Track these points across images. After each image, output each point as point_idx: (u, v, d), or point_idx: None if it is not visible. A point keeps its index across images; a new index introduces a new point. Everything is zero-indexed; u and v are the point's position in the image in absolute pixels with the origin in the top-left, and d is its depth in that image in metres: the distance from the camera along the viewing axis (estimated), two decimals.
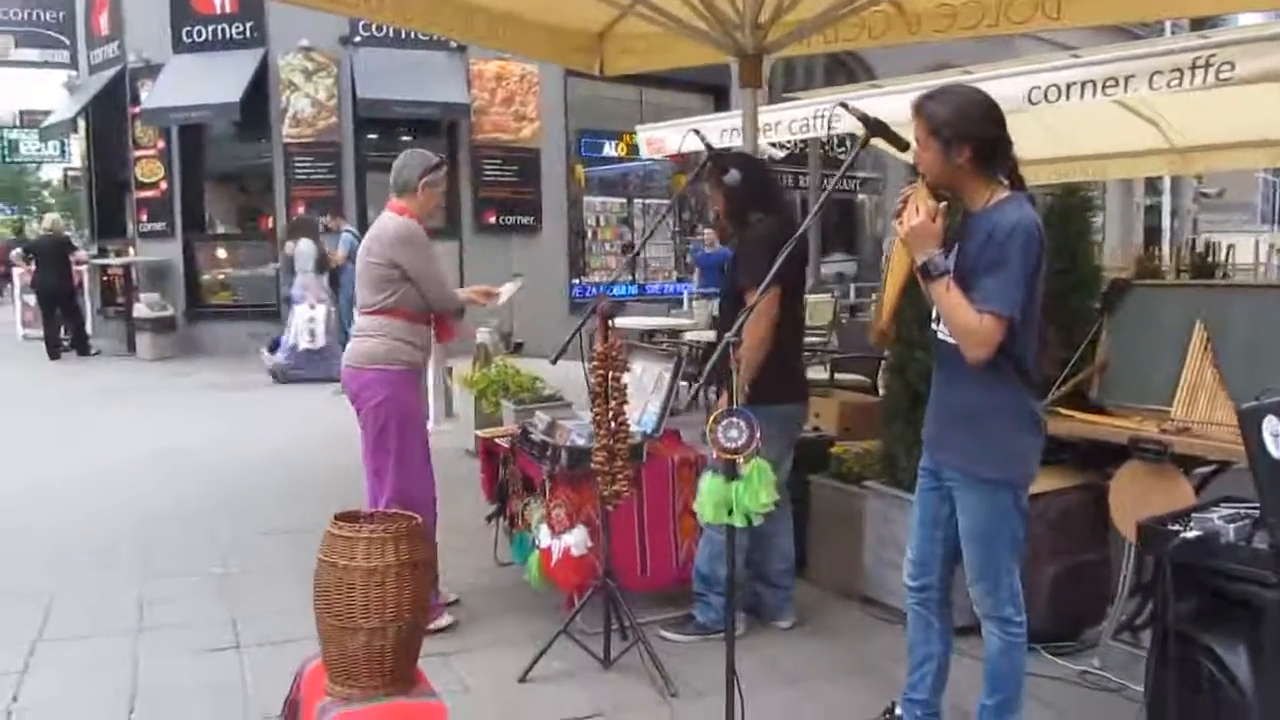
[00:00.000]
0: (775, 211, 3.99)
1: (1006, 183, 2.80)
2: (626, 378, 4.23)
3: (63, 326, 13.92)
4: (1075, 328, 4.28)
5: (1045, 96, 5.54)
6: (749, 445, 2.50)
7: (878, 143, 2.87)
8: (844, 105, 2.78)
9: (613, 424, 3.49)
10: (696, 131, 4.26)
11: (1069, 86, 5.42)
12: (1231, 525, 2.71)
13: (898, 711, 3.20)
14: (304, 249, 11.07)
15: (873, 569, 4.31)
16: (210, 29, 13.70)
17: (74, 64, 16.74)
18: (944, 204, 2.73)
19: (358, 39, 13.43)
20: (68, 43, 16.71)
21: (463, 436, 7.07)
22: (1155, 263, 4.76)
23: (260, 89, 13.33)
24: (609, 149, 15.90)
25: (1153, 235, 21.69)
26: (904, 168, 11.12)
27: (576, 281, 15.25)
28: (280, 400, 9.77)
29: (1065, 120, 7.44)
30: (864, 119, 2.70)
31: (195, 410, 9.56)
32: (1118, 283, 4.26)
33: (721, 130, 7.04)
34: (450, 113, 13.68)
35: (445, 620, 4.05)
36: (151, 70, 13.93)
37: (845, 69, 17.80)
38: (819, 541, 4.65)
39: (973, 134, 2.71)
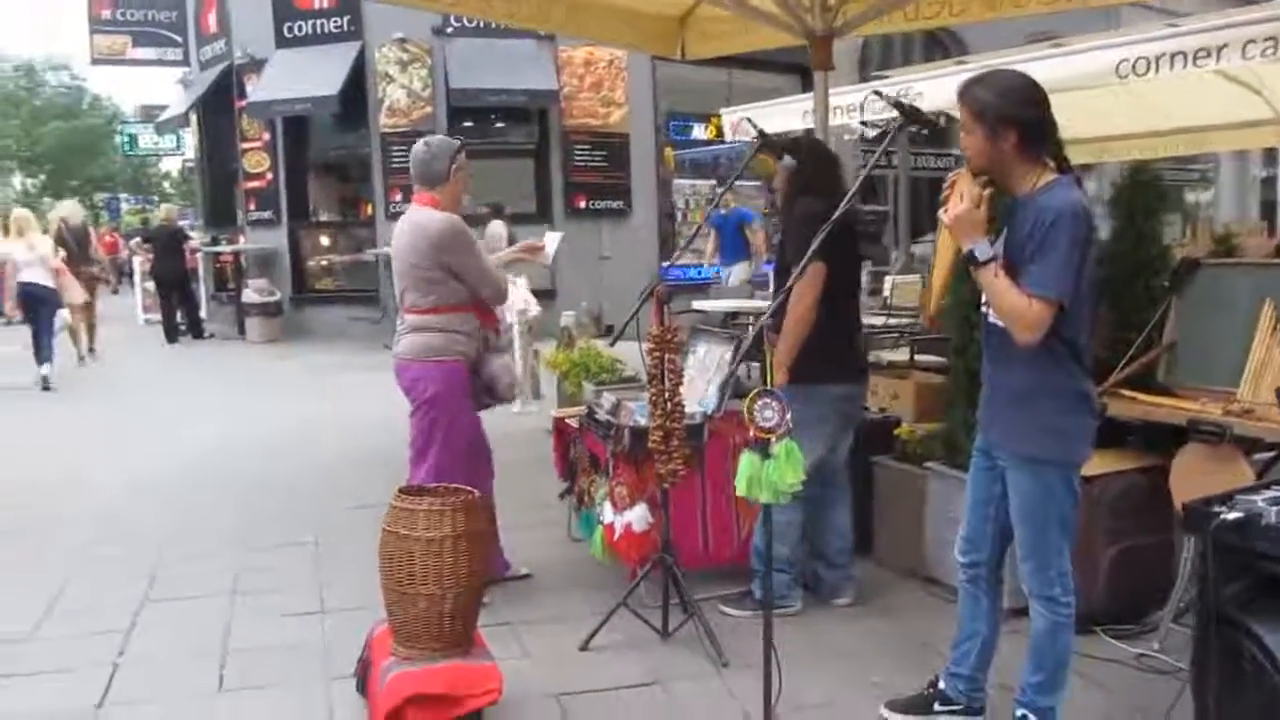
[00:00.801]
0: (829, 194, 4.02)
1: (1053, 165, 2.82)
2: (689, 359, 4.37)
3: (178, 311, 14.66)
4: (1143, 308, 4.24)
5: (1134, 69, 5.42)
6: (780, 425, 2.60)
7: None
8: (877, 93, 2.83)
9: (668, 404, 3.61)
10: (749, 119, 4.33)
11: (1158, 58, 5.29)
12: (1275, 507, 2.70)
13: (941, 685, 3.24)
14: (496, 230, 11.19)
15: (933, 549, 4.34)
16: (310, 24, 14.20)
17: (186, 61, 17.52)
18: (989, 190, 2.74)
19: (450, 30, 13.75)
20: (180, 41, 17.49)
21: (547, 417, 7.27)
22: (1233, 240, 4.63)
23: (358, 81, 13.77)
24: (698, 131, 15.94)
25: (1269, 209, 20.73)
26: None
27: (666, 264, 15.34)
28: (382, 380, 10.06)
29: (1159, 92, 7.22)
30: (897, 105, 2.76)
31: (299, 390, 10.03)
32: (1186, 261, 4.20)
33: (804, 111, 7.03)
34: (539, 100, 13.94)
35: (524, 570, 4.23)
36: (256, 65, 14.52)
37: (941, 46, 17.48)
38: (882, 522, 4.70)
39: (1018, 116, 2.73)
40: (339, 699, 3.34)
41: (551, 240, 4.41)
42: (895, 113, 2.89)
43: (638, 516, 3.90)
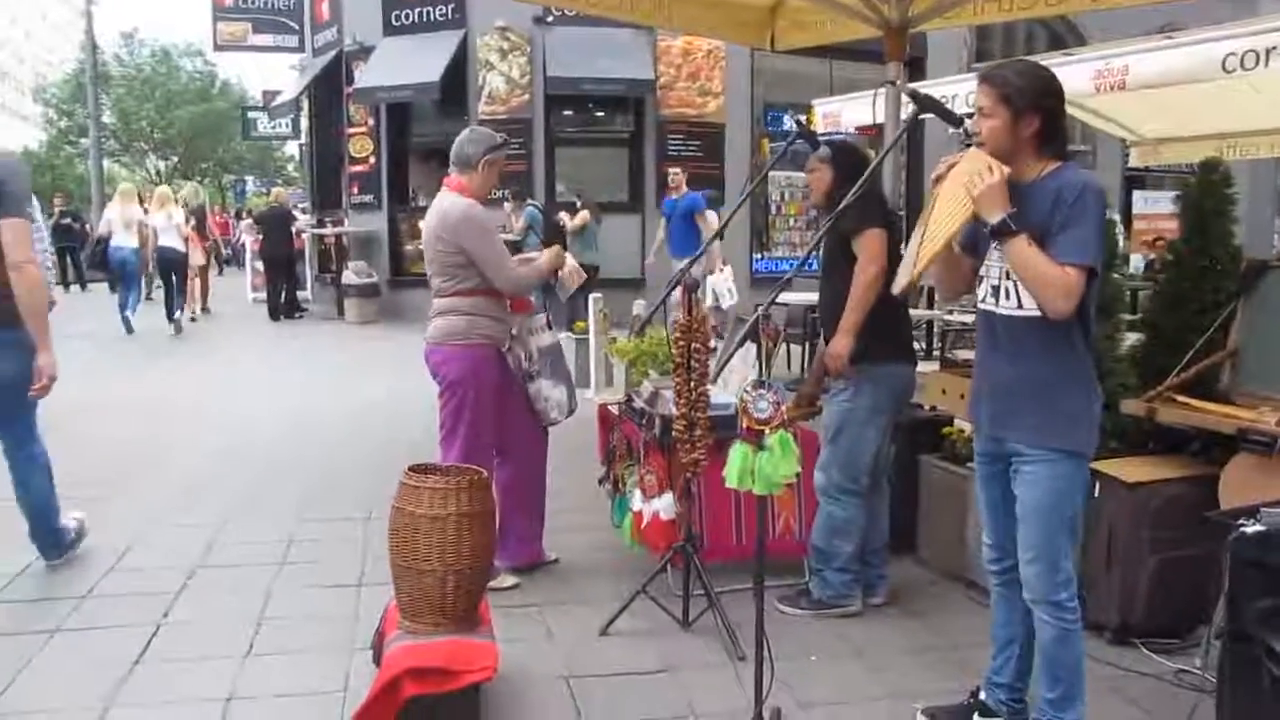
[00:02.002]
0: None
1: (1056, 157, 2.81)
2: (738, 353, 4.35)
3: (283, 291, 15.22)
4: (1208, 311, 4.05)
5: (1242, 64, 5.17)
6: (774, 417, 2.57)
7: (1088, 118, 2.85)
8: (891, 83, 2.78)
9: (693, 394, 3.60)
10: (798, 121, 4.29)
11: (1269, 51, 5.05)
12: None
13: (982, 695, 3.18)
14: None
15: (976, 552, 4.21)
16: (417, 12, 14.50)
17: (301, 47, 18.14)
18: (1008, 170, 2.70)
19: (550, 19, 13.88)
20: (296, 28, 18.13)
21: None
22: None
23: (460, 68, 14.01)
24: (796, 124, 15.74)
25: None
26: (1117, 145, 10.54)
27: (759, 256, 15.27)
28: None
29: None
30: (914, 95, 2.71)
31: (386, 369, 10.28)
32: (1254, 264, 3.99)
33: (905, 101, 6.90)
34: (636, 89, 13.97)
35: (509, 582, 4.20)
36: (365, 52, 14.91)
37: (1054, 35, 16.95)
38: (928, 523, 4.61)
39: (1043, 105, 2.74)
40: (356, 668, 3.44)
41: (569, 274, 4.43)
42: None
43: (665, 505, 3.91)
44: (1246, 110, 6.97)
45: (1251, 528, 2.60)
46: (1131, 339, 4.41)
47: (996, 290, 2.84)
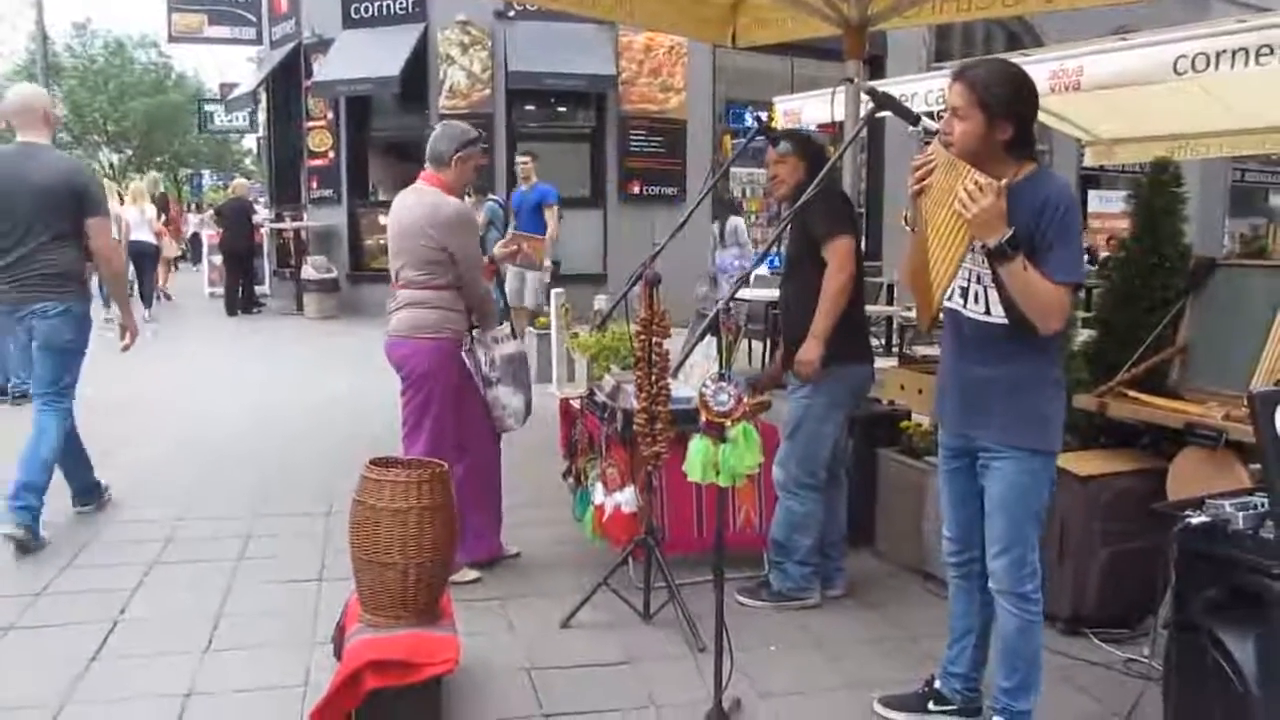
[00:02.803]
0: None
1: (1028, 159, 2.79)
2: (698, 347, 4.37)
3: (240, 285, 15.06)
4: (1158, 308, 4.14)
5: (1193, 65, 5.28)
6: (735, 410, 2.60)
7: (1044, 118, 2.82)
8: (850, 80, 2.81)
9: (654, 388, 3.62)
10: (759, 118, 4.34)
11: (1219, 54, 5.16)
12: (1241, 513, 2.63)
13: (937, 684, 3.23)
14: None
15: (933, 545, 4.28)
16: (376, 5, 14.41)
17: (259, 40, 17.92)
18: (1004, 181, 2.61)
19: (511, 13, 13.86)
20: (254, 20, 17.90)
21: None
22: (1262, 242, 4.50)
23: (420, 62, 13.92)
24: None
25: None
26: (1073, 144, 10.65)
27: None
28: None
29: (1236, 91, 6.94)
30: (871, 93, 2.74)
31: (343, 365, 10.21)
32: (1203, 262, 4.08)
33: (862, 99, 6.96)
34: (598, 84, 13.98)
35: (470, 575, 4.21)
36: (324, 45, 14.78)
37: (1012, 35, 17.19)
38: (885, 516, 4.66)
39: (1019, 111, 2.70)
40: (317, 662, 3.43)
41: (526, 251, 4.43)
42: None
43: (627, 498, 3.94)
44: (1197, 112, 7.12)
45: (1196, 519, 2.67)
46: (1084, 335, 4.50)
47: (965, 292, 2.82)
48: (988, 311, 2.78)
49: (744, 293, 9.63)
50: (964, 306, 2.85)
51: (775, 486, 4.08)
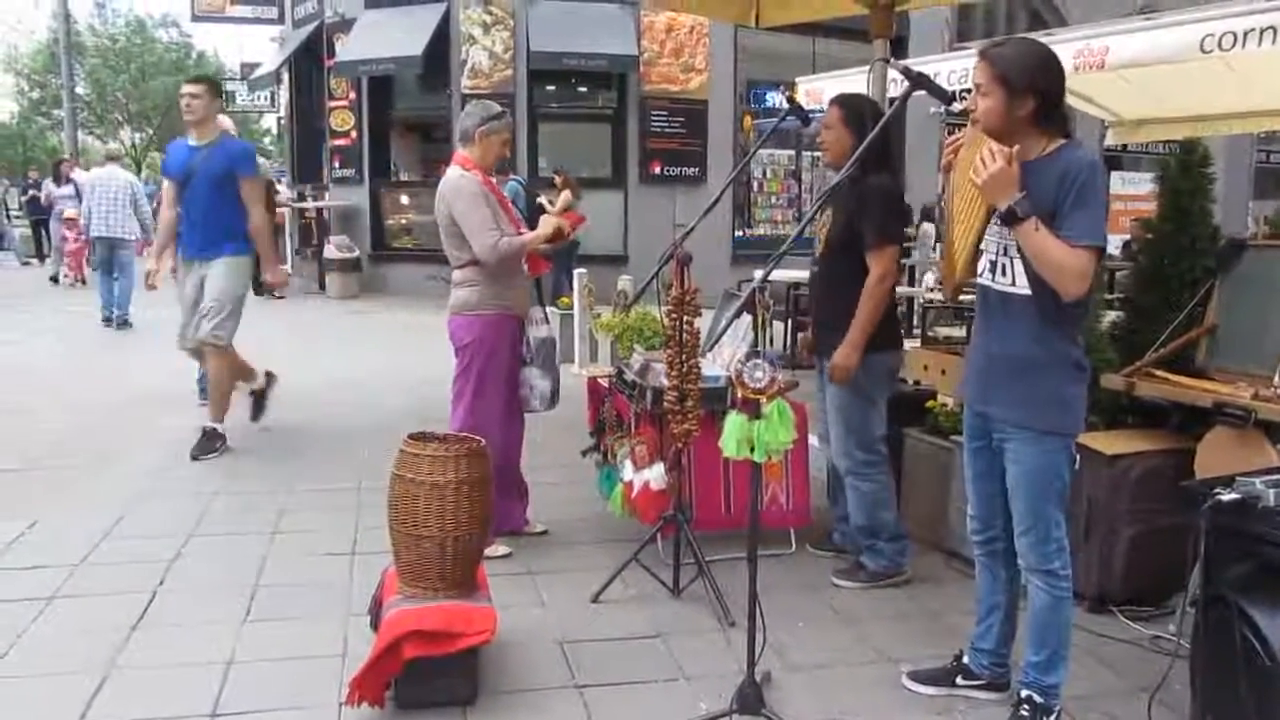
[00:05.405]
0: (882, 169, 3.95)
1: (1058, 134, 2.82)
2: (733, 327, 4.41)
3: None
4: (1186, 288, 4.15)
5: (1219, 44, 5.24)
6: (770, 387, 2.64)
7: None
8: (885, 60, 2.83)
9: (685, 366, 3.66)
10: (789, 97, 4.35)
11: (1246, 33, 5.12)
12: (1273, 490, 2.65)
13: (965, 659, 3.27)
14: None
15: (958, 523, 4.32)
16: None
17: (281, 19, 17.96)
18: (1016, 148, 2.70)
19: None
20: None
21: None
22: None
23: (442, 42, 13.95)
24: (780, 100, 15.79)
25: None
26: (1095, 124, 10.60)
27: (741, 234, 15.32)
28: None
29: (1264, 69, 6.88)
30: (905, 72, 2.75)
31: (367, 344, 10.33)
32: (1233, 242, 4.08)
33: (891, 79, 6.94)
34: (619, 65, 13.97)
35: (501, 550, 4.27)
36: (346, 25, 14.82)
37: (1035, 15, 17.06)
38: (911, 495, 4.69)
39: (1039, 86, 2.74)
40: (354, 633, 3.49)
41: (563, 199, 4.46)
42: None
43: (656, 475, 3.98)
44: (1223, 91, 7.05)
45: (1227, 495, 2.70)
46: (1111, 316, 4.50)
47: (994, 266, 2.87)
48: (1013, 283, 2.82)
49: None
50: (992, 280, 2.90)
51: (843, 475, 4.13)
